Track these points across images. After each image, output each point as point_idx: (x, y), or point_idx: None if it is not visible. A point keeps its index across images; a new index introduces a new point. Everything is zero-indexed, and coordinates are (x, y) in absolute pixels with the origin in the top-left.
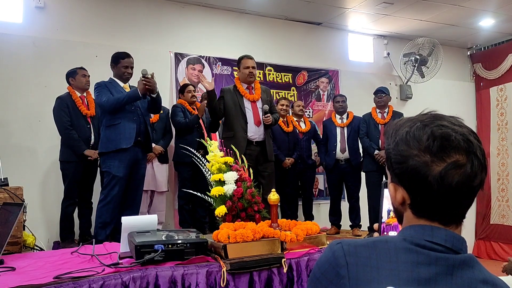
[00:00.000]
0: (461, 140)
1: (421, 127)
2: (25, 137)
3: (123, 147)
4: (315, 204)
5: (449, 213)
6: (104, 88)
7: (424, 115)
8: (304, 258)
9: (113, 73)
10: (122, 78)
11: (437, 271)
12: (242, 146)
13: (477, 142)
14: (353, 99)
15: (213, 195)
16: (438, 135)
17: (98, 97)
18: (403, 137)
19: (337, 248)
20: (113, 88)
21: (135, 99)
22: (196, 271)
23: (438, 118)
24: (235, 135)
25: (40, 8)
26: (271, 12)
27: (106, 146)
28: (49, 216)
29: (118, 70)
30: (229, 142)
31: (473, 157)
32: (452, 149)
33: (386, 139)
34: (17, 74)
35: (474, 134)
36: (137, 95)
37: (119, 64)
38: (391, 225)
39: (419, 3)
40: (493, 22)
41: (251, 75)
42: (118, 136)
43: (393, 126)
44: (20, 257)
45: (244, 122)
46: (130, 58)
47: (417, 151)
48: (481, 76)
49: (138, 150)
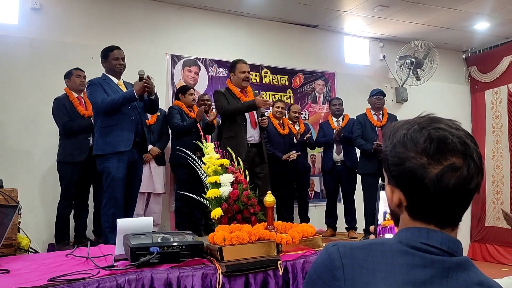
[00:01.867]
0: (457, 143)
1: (418, 130)
2: (21, 139)
3: (122, 150)
4: (311, 206)
5: (445, 216)
6: (98, 86)
7: (421, 118)
8: (300, 260)
9: (105, 69)
10: (115, 72)
11: (433, 274)
12: (244, 146)
13: (473, 145)
14: (349, 102)
15: (209, 197)
16: (435, 138)
17: (91, 96)
18: (401, 139)
19: (333, 250)
20: (106, 85)
21: (131, 100)
22: (191, 273)
23: (436, 121)
24: (237, 136)
25: (36, 9)
26: (268, 15)
27: (102, 148)
28: (44, 218)
29: (109, 64)
30: (230, 142)
31: (470, 160)
32: (448, 151)
33: (384, 141)
34: (13, 75)
35: (471, 137)
36: (133, 96)
37: (109, 57)
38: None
39: (414, 6)
40: (488, 25)
41: (246, 80)
42: (116, 138)
43: (390, 129)
44: (15, 260)
45: (244, 124)
46: (120, 50)
47: (414, 153)
48: (476, 79)
49: (135, 151)
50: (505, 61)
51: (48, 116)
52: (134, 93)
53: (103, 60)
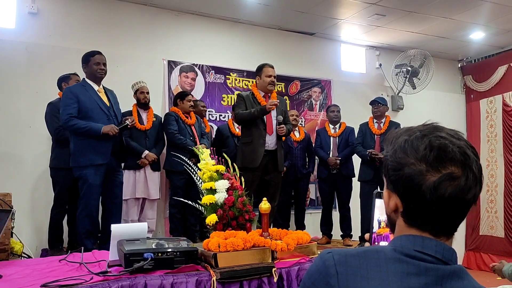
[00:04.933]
0: (457, 153)
1: (420, 137)
2: (14, 143)
3: (100, 163)
4: (306, 213)
5: (440, 224)
6: (71, 99)
7: (425, 126)
8: (295, 267)
9: (85, 74)
10: (95, 77)
11: (427, 282)
12: (260, 152)
13: (474, 157)
14: (345, 109)
15: (204, 204)
16: (435, 146)
17: (62, 106)
18: (402, 145)
19: (328, 257)
20: (84, 93)
21: (94, 134)
22: (185, 280)
23: (438, 130)
24: (253, 141)
25: (33, 14)
26: (265, 22)
27: (78, 161)
28: (37, 223)
29: (89, 68)
30: (246, 147)
31: (469, 170)
32: (448, 160)
33: (386, 146)
34: (9, 79)
35: (472, 148)
36: (98, 133)
37: (90, 62)
38: (382, 235)
39: (411, 15)
40: (484, 35)
41: (272, 84)
42: (92, 150)
43: (393, 134)
44: (7, 265)
45: (262, 129)
46: (101, 55)
47: (414, 159)
48: (471, 88)
49: (112, 158)
50: (500, 71)
51: (43, 120)
52: (100, 131)
53: (83, 65)
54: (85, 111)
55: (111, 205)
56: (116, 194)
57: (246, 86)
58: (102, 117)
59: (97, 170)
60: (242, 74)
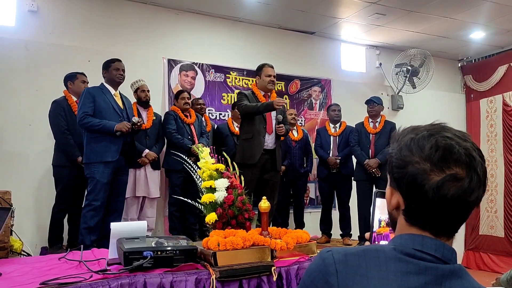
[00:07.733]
0: (463, 154)
1: (427, 136)
2: (15, 141)
3: (109, 160)
4: (305, 212)
5: (441, 224)
6: (88, 98)
7: (432, 125)
8: (294, 266)
9: (104, 79)
10: (114, 81)
11: (426, 281)
12: (259, 150)
13: (479, 159)
14: (345, 108)
15: (203, 202)
16: (441, 146)
17: (79, 104)
18: (407, 143)
19: (327, 256)
20: (101, 95)
21: (108, 131)
22: (185, 278)
23: (445, 130)
24: (253, 138)
25: (33, 12)
26: (265, 21)
27: (89, 157)
28: (37, 221)
29: (109, 74)
30: (246, 144)
31: (473, 172)
32: (453, 161)
33: (392, 144)
34: (9, 77)
35: (478, 151)
36: (111, 130)
37: (110, 68)
38: (382, 234)
39: (411, 14)
40: (484, 34)
41: (271, 83)
42: (103, 148)
43: (400, 132)
44: (7, 262)
45: (263, 127)
46: (121, 63)
47: (419, 158)
48: (471, 88)
49: (121, 158)
50: (500, 71)
51: (43, 118)
52: (113, 129)
53: (104, 70)
54: (99, 110)
55: (114, 204)
56: (120, 193)
57: (246, 85)
58: (115, 118)
59: (105, 167)
60: (242, 73)
